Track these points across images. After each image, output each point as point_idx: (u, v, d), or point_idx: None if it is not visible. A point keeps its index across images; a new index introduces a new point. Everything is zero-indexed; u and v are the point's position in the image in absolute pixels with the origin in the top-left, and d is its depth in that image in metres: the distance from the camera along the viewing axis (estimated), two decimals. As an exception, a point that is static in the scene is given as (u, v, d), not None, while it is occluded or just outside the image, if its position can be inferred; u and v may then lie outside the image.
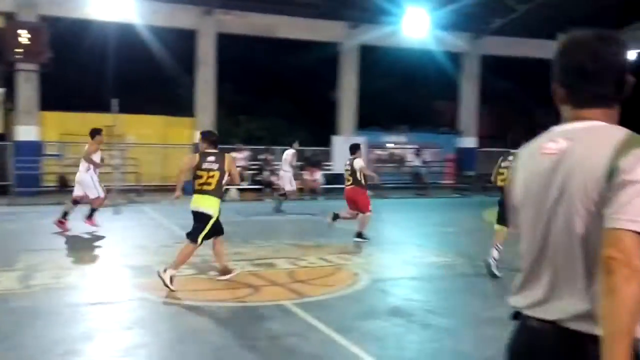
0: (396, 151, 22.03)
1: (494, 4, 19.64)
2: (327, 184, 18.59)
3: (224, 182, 6.47)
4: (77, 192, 10.01)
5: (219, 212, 6.40)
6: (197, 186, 6.41)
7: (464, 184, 20.89)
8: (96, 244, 9.14)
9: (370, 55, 21.23)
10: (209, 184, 6.33)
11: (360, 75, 20.94)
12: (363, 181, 9.52)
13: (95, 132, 10.16)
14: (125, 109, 14.70)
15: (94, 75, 20.40)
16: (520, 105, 29.62)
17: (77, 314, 5.31)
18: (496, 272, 6.70)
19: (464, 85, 22.74)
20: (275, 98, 24.88)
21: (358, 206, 9.45)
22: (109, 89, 17.73)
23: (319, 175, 18.00)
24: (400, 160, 21.94)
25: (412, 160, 21.85)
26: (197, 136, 9.00)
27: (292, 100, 25.02)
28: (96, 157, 10.08)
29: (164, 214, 12.63)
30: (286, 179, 14.75)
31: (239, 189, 16.98)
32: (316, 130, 23.80)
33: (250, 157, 18.76)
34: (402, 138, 22.21)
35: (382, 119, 23.39)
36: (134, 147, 17.23)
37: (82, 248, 8.78)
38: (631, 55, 21.86)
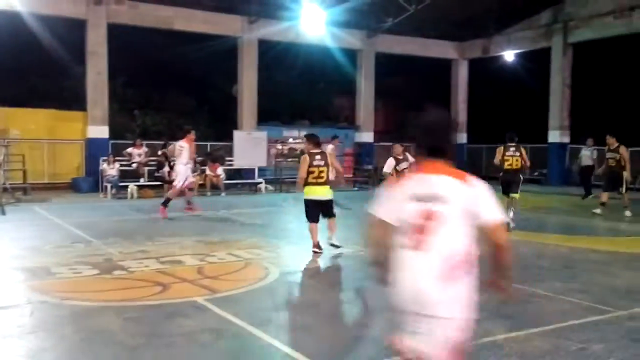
0: (297, 146, 22.22)
1: (387, 3, 20.35)
2: (229, 179, 18.43)
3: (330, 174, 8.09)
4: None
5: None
6: (311, 179, 7.88)
7: (363, 178, 21.50)
8: (-18, 246, 8.48)
9: (270, 51, 21.25)
10: (322, 177, 7.89)
11: (261, 70, 20.91)
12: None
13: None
14: (8, 101, 13.71)
15: (-28, 65, 18.84)
16: (411, 101, 30.90)
17: (-30, 322, 4.94)
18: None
19: (360, 81, 23.38)
20: (173, 92, 24.26)
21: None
22: (-10, 81, 16.46)
23: (220, 171, 17.79)
24: (301, 155, 22.15)
25: (312, 155, 22.15)
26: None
27: (191, 95, 24.51)
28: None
29: (57, 213, 11.95)
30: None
31: (137, 186, 16.40)
32: (217, 125, 23.49)
33: (148, 153, 18.17)
34: (302, 133, 22.43)
35: (282, 114, 23.51)
36: (18, 142, 16.13)
37: (-34, 252, 8.12)
38: (509, 56, 23.53)
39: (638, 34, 19.18)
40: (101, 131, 17.86)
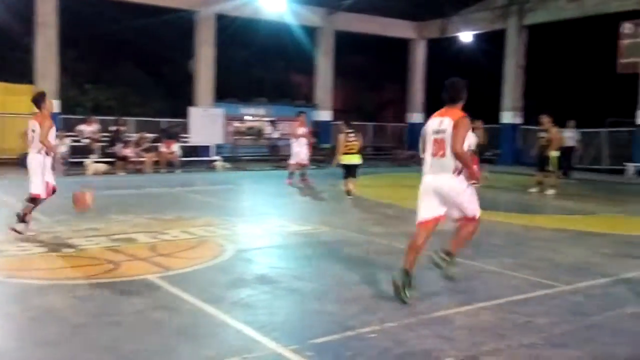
0: (254, 124, 22.03)
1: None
2: (185, 156, 18.15)
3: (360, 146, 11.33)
4: None
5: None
6: (347, 150, 11.13)
7: (320, 156, 21.48)
8: None
9: (228, 27, 20.86)
10: (353, 149, 11.15)
11: (219, 46, 20.54)
12: None
13: None
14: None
15: None
16: (371, 80, 31.02)
17: None
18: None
19: (320, 59, 23.25)
20: (126, 67, 23.61)
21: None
22: None
23: (176, 148, 17.49)
24: (258, 133, 21.99)
25: (270, 133, 22.03)
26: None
27: (146, 70, 23.90)
28: None
29: (3, 190, 11.55)
30: None
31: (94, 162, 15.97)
32: (172, 101, 23.03)
33: (100, 129, 17.70)
34: (260, 110, 22.24)
35: (240, 91, 23.22)
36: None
37: None
38: (466, 36, 23.78)
39: (589, 17, 19.65)
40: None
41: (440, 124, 4.88)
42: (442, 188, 4.90)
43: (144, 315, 4.52)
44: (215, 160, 18.56)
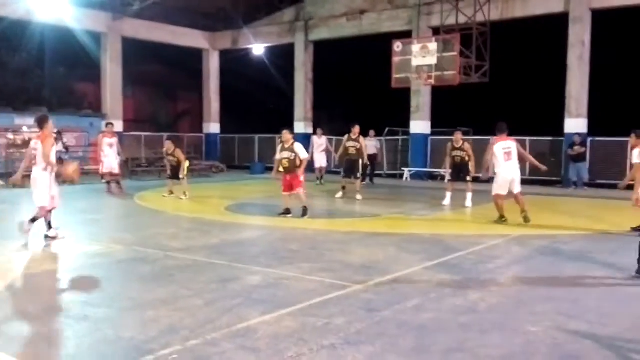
0: (32, 135, 19.91)
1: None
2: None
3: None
4: None
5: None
6: (347, 154, 14.14)
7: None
8: None
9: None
10: (354, 153, 13.98)
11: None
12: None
13: None
14: None
15: None
16: (166, 89, 30.22)
17: None
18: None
19: (107, 67, 21.94)
20: None
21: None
22: None
23: None
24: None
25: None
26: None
27: None
28: None
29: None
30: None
31: None
32: None
33: None
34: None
35: (14, 100, 20.88)
36: None
37: None
38: (258, 49, 24.47)
39: (367, 36, 21.52)
40: None
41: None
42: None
43: None
44: (-16, 178, 16.36)
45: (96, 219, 10.97)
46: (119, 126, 22.05)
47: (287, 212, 10.69)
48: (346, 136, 14.43)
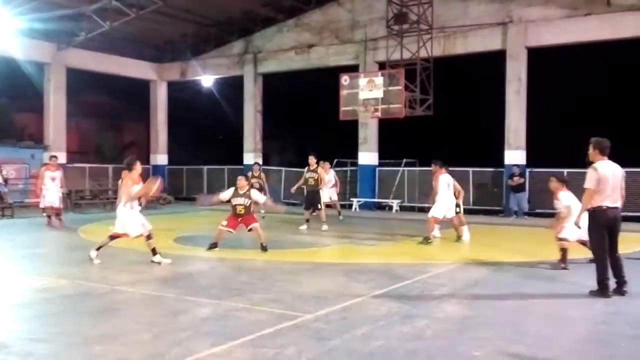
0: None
1: (81, 17, 19.26)
2: None
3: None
4: None
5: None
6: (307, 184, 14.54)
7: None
8: None
9: None
10: (313, 184, 14.39)
11: None
12: None
13: None
14: None
15: None
16: (112, 120, 29.75)
17: None
18: None
19: (50, 97, 21.49)
20: None
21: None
22: None
23: None
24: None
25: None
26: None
27: None
28: None
29: None
30: None
31: None
32: None
33: None
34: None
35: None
36: None
37: None
38: (206, 80, 24.55)
39: (315, 69, 21.94)
40: None
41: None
42: None
43: None
44: None
45: (40, 253, 10.64)
46: (62, 157, 21.54)
47: (214, 246, 10.51)
48: (306, 168, 14.78)
